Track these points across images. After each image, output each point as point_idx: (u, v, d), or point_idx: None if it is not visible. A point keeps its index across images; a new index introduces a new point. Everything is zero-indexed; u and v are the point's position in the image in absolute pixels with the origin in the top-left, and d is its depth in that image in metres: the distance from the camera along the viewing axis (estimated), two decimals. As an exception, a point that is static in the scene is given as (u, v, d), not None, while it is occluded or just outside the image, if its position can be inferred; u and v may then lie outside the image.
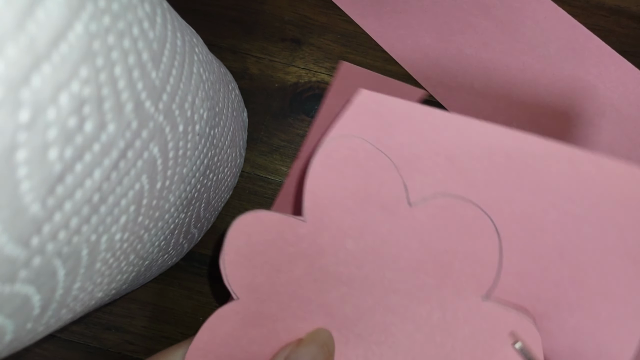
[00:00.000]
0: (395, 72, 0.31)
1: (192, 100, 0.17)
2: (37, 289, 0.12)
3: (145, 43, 0.13)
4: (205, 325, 0.19)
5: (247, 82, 0.31)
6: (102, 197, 0.13)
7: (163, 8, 0.15)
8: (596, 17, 0.31)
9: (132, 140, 0.13)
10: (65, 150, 0.10)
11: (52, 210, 0.11)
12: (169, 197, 0.17)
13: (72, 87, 0.10)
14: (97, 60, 0.11)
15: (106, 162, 0.12)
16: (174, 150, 0.16)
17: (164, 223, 0.18)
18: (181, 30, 0.16)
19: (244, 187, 0.31)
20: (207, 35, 0.31)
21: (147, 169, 0.14)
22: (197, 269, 0.30)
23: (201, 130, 0.18)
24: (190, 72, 0.17)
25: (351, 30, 0.32)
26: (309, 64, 0.31)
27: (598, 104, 0.29)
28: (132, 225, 0.15)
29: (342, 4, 0.32)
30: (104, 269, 0.15)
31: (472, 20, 0.31)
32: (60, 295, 0.13)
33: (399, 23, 0.31)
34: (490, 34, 0.30)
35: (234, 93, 0.27)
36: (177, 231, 0.21)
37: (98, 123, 0.11)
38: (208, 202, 0.24)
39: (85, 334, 0.29)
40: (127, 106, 0.12)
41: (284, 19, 0.32)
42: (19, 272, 0.11)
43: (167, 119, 0.15)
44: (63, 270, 0.12)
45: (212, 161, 0.21)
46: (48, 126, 0.10)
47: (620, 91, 0.29)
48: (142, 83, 0.13)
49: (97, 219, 0.13)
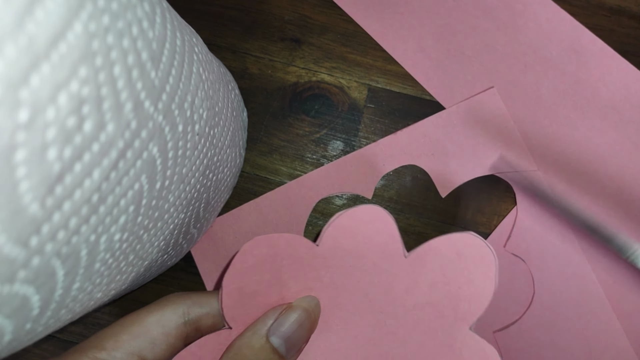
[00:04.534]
0: (396, 72, 0.31)
1: (191, 100, 0.17)
2: (36, 289, 0.12)
3: (144, 42, 0.13)
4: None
5: (247, 81, 0.31)
6: (101, 197, 0.12)
7: (162, 7, 0.15)
8: (597, 17, 0.31)
9: (131, 140, 0.13)
10: (64, 150, 0.10)
11: (51, 211, 0.11)
12: (168, 197, 0.17)
13: (71, 86, 0.10)
14: (97, 60, 0.11)
15: (105, 162, 0.12)
16: (174, 150, 0.16)
17: (164, 223, 0.18)
18: (181, 30, 0.16)
19: (244, 187, 0.30)
20: (207, 35, 0.31)
21: (147, 169, 0.14)
22: (197, 269, 0.30)
23: (201, 130, 0.18)
24: (189, 71, 0.17)
25: (351, 29, 0.32)
26: (309, 64, 0.31)
27: (600, 106, 0.29)
28: (132, 225, 0.15)
29: (343, 3, 0.32)
30: (103, 269, 0.15)
31: (474, 22, 0.31)
32: (60, 296, 0.13)
33: (400, 23, 0.31)
34: (492, 35, 0.30)
35: (234, 93, 0.27)
36: (176, 231, 0.21)
37: (97, 123, 0.11)
38: (208, 202, 0.24)
39: (84, 334, 0.29)
40: (126, 106, 0.12)
41: (284, 18, 0.32)
42: (18, 273, 0.10)
43: (166, 118, 0.15)
44: (62, 271, 0.12)
45: (211, 161, 0.21)
46: (47, 126, 0.10)
47: (622, 93, 0.29)
48: (142, 83, 0.13)
49: (96, 219, 0.13)
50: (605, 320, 0.28)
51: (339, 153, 0.31)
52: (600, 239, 0.27)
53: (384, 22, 0.31)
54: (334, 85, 0.31)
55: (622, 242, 0.26)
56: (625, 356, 0.27)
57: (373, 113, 0.31)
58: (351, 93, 0.31)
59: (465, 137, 0.30)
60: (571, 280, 0.28)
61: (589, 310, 0.28)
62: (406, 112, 0.31)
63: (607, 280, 0.28)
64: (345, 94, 0.31)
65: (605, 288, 0.28)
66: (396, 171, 0.31)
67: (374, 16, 0.31)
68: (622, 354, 0.27)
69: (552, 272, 0.29)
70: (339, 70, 0.31)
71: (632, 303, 0.28)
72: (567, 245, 0.29)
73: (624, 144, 0.29)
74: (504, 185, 0.30)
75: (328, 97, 0.31)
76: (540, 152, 0.30)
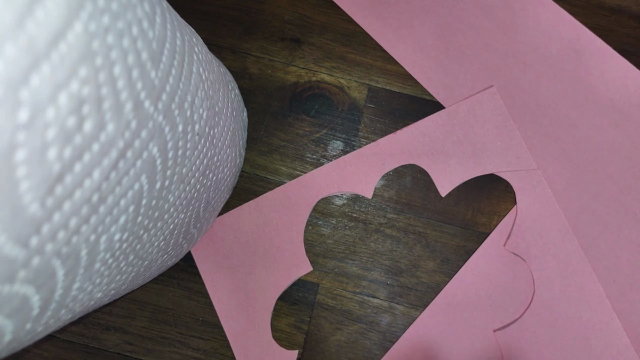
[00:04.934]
0: (396, 72, 0.31)
1: (191, 100, 0.17)
2: (36, 289, 0.12)
3: (144, 42, 0.13)
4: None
5: (247, 81, 0.31)
6: (102, 197, 0.12)
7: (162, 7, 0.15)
8: (597, 16, 0.31)
9: (131, 140, 0.13)
10: (64, 150, 0.10)
11: (51, 210, 0.11)
12: (168, 197, 0.17)
13: (71, 86, 0.10)
14: (97, 60, 0.11)
15: (105, 162, 0.12)
16: (174, 150, 0.16)
17: (164, 223, 0.18)
18: (181, 30, 0.16)
19: (244, 187, 0.31)
20: (207, 35, 0.31)
21: (147, 169, 0.14)
22: (197, 269, 0.30)
23: (201, 130, 0.18)
24: (189, 71, 0.17)
25: (351, 29, 0.32)
26: (308, 64, 0.31)
27: (599, 105, 0.29)
28: (132, 225, 0.15)
29: (343, 3, 0.32)
30: (103, 269, 0.15)
31: (474, 21, 0.31)
32: (60, 296, 0.13)
33: (400, 23, 0.31)
34: (492, 34, 0.30)
35: (234, 93, 0.27)
36: (176, 231, 0.21)
37: (97, 123, 0.11)
38: (208, 202, 0.24)
39: (84, 334, 0.29)
40: (126, 106, 0.12)
41: (284, 18, 0.32)
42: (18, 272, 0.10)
43: (166, 118, 0.15)
44: (62, 271, 0.12)
45: (211, 161, 0.21)
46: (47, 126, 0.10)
47: (621, 92, 0.29)
48: (142, 83, 0.13)
49: (96, 219, 0.13)
50: (605, 319, 0.28)
51: (339, 153, 0.31)
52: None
53: (384, 21, 0.31)
54: (334, 85, 0.31)
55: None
56: (625, 355, 0.27)
57: (373, 113, 0.31)
58: (351, 93, 0.31)
59: (465, 136, 0.30)
60: (571, 279, 0.28)
61: (589, 309, 0.28)
62: (406, 112, 0.31)
63: (607, 279, 0.28)
64: (345, 94, 0.31)
65: (605, 287, 0.28)
66: (396, 171, 0.31)
67: (374, 16, 0.31)
68: (622, 353, 0.27)
69: (552, 271, 0.29)
70: (339, 70, 0.31)
71: (631, 302, 0.28)
72: (567, 244, 0.29)
73: (623, 143, 0.29)
74: (504, 185, 0.30)
75: (328, 97, 0.31)
76: (540, 151, 0.30)
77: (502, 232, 0.30)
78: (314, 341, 0.29)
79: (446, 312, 0.29)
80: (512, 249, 0.29)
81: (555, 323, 0.28)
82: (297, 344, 0.29)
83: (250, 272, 0.29)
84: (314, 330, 0.29)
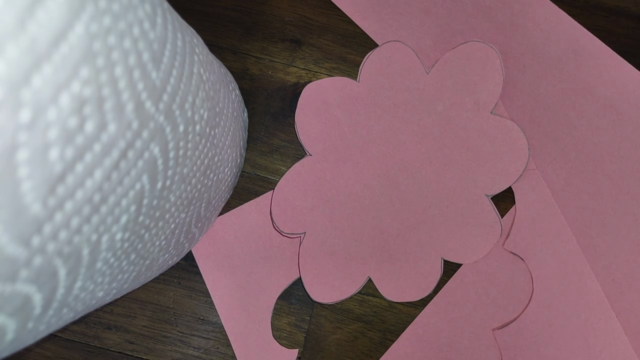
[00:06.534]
0: (396, 73, 0.31)
1: (192, 100, 0.17)
2: (38, 288, 0.12)
3: (145, 43, 0.13)
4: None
5: (248, 82, 0.31)
6: (103, 197, 0.13)
7: (163, 8, 0.15)
8: (596, 17, 0.31)
9: (132, 140, 0.13)
10: (66, 150, 0.10)
11: (52, 210, 0.11)
12: (169, 197, 0.17)
13: (73, 87, 0.10)
14: (98, 61, 0.11)
15: (107, 162, 0.12)
16: (175, 150, 0.16)
17: (165, 223, 0.18)
18: (181, 31, 0.16)
19: (244, 186, 0.31)
20: (208, 36, 0.31)
21: (148, 168, 0.15)
22: (198, 268, 0.30)
23: (201, 131, 0.19)
24: (190, 72, 0.17)
25: (351, 30, 0.32)
26: (309, 65, 0.31)
27: (598, 105, 0.29)
28: (133, 224, 0.15)
29: (343, 4, 0.32)
30: (104, 268, 0.15)
31: (473, 22, 0.31)
32: (62, 295, 0.13)
33: (399, 24, 0.31)
34: (491, 35, 0.30)
35: (234, 93, 0.27)
36: (177, 231, 0.21)
37: (99, 123, 0.11)
38: (209, 201, 0.24)
39: (86, 333, 0.29)
40: (127, 106, 0.12)
41: (284, 19, 0.32)
42: (20, 272, 0.11)
43: (167, 119, 0.15)
44: (64, 270, 0.12)
45: (212, 161, 0.21)
46: (49, 126, 0.10)
47: (620, 92, 0.29)
48: (143, 83, 0.13)
49: (98, 218, 0.13)
50: (604, 318, 0.28)
51: (338, 153, 0.31)
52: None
53: (384, 22, 0.31)
54: (333, 85, 0.31)
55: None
56: (623, 354, 0.27)
57: (373, 113, 0.31)
58: (351, 93, 0.31)
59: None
60: (570, 278, 0.28)
61: (588, 308, 0.28)
62: (406, 112, 0.31)
63: (605, 278, 0.28)
64: (345, 94, 0.31)
65: (603, 286, 0.28)
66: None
67: (374, 17, 0.31)
68: (621, 352, 0.27)
69: (551, 270, 0.29)
70: (339, 71, 0.31)
71: (630, 301, 0.28)
72: (566, 243, 0.29)
73: (622, 143, 0.29)
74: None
75: (328, 97, 0.31)
76: (538, 151, 0.30)
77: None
78: (314, 340, 0.29)
79: (445, 311, 0.29)
80: (511, 248, 0.29)
81: (554, 322, 0.28)
82: (298, 343, 0.29)
83: (250, 272, 0.30)
84: (314, 329, 0.30)
